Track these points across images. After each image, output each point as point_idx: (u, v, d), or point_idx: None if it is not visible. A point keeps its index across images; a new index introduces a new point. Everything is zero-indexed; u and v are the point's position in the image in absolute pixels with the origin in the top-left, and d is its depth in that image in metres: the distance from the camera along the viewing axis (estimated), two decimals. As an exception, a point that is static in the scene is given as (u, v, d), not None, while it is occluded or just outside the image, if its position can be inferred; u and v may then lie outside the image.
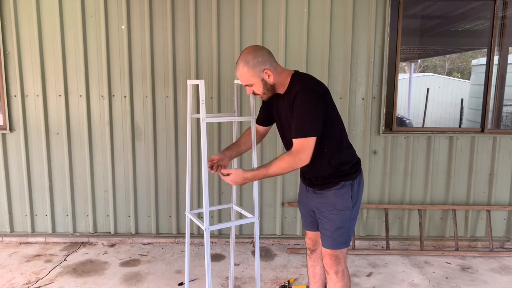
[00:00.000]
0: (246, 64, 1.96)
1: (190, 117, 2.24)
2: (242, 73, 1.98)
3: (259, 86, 2.00)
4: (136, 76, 3.64)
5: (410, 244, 3.79)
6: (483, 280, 3.15)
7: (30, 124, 3.70)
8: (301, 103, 1.91)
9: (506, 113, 5.46)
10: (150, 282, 3.07)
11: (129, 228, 3.86)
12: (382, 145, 3.70)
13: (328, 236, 2.13)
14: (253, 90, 2.04)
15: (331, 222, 2.11)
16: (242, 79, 2.01)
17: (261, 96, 2.07)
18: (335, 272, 2.15)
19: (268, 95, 2.05)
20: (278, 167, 1.93)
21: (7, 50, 3.59)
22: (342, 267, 2.16)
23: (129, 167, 3.74)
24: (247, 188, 3.74)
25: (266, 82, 1.99)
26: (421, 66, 19.01)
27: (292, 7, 3.53)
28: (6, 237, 3.83)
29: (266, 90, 2.02)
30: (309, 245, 2.42)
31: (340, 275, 2.16)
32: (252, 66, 1.95)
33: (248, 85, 2.01)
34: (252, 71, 1.96)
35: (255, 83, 1.99)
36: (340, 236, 2.12)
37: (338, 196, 2.09)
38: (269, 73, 1.97)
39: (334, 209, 2.10)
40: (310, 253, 2.44)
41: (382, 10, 3.53)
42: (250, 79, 1.98)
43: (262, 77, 1.98)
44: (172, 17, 3.55)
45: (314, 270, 2.45)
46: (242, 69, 1.97)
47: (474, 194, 3.78)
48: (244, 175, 1.97)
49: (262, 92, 2.03)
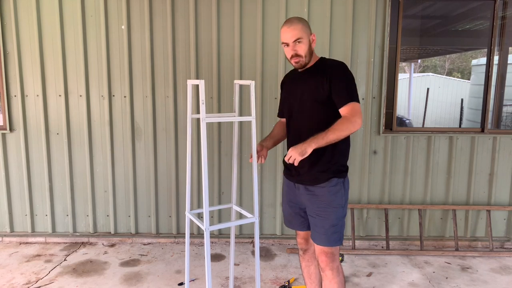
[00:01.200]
0: (301, 21, 2.08)
1: (190, 117, 2.24)
2: (296, 28, 2.05)
3: (305, 45, 2.08)
4: (136, 76, 3.64)
5: (410, 244, 3.79)
6: (483, 280, 3.15)
7: (30, 124, 3.70)
8: (344, 73, 2.06)
9: (506, 113, 5.46)
10: (150, 282, 3.07)
11: (129, 228, 3.86)
12: (382, 145, 3.70)
13: (323, 233, 2.14)
14: (297, 50, 2.07)
15: (325, 220, 2.12)
16: (293, 33, 2.05)
17: (298, 60, 2.10)
18: (330, 269, 2.17)
19: (305, 61, 2.11)
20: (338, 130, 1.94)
21: (7, 50, 3.59)
22: (337, 264, 2.19)
23: (129, 167, 3.74)
24: (247, 188, 3.75)
25: (310, 45, 2.10)
26: (421, 66, 19.01)
27: (292, 7, 3.53)
28: (6, 237, 3.83)
29: (308, 53, 2.10)
30: (302, 244, 2.42)
31: (336, 271, 2.18)
32: (305, 25, 2.09)
33: (298, 39, 2.05)
34: (305, 28, 2.08)
35: (304, 40, 2.06)
36: (334, 233, 2.14)
37: (332, 193, 2.12)
38: (314, 38, 2.13)
39: (328, 206, 2.11)
40: (303, 253, 2.44)
41: (382, 10, 3.53)
42: (303, 34, 2.06)
43: (310, 38, 2.10)
44: (172, 17, 3.55)
45: (309, 271, 2.46)
46: (297, 24, 2.06)
47: (474, 194, 3.78)
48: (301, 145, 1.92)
49: (304, 54, 2.09)
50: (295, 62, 2.12)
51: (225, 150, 3.72)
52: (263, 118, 3.66)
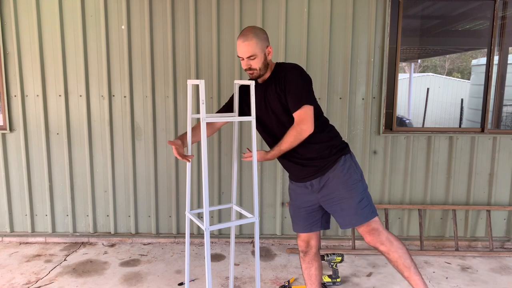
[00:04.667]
0: (256, 36, 2.07)
1: (190, 117, 2.24)
2: (250, 44, 2.06)
3: (260, 60, 2.10)
4: (136, 76, 3.64)
5: (410, 244, 3.79)
6: (483, 280, 3.15)
7: (30, 124, 3.70)
8: (295, 77, 2.08)
9: (506, 113, 5.46)
10: (150, 282, 3.07)
11: (129, 228, 3.86)
12: (382, 145, 3.70)
13: (354, 214, 2.14)
14: (251, 65, 2.10)
15: (350, 199, 2.13)
16: (247, 49, 2.07)
17: (252, 72, 2.13)
18: (381, 243, 2.15)
19: (260, 73, 2.14)
20: (287, 142, 2.08)
21: (7, 50, 3.59)
22: (384, 235, 2.16)
23: (129, 167, 3.74)
24: (247, 188, 3.75)
25: (265, 58, 2.12)
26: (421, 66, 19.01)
27: (292, 7, 3.53)
28: (6, 237, 3.83)
29: (263, 66, 2.13)
30: (302, 247, 2.42)
31: (388, 243, 2.15)
32: (260, 39, 2.08)
33: (251, 56, 2.08)
34: (260, 44, 2.08)
35: (258, 55, 2.09)
36: (364, 208, 2.15)
37: (346, 171, 2.15)
38: (270, 50, 2.14)
39: (347, 184, 2.13)
40: (303, 255, 2.44)
41: (382, 10, 3.53)
42: (256, 51, 2.07)
43: (265, 52, 2.11)
44: (172, 17, 3.55)
45: (309, 272, 2.46)
46: (252, 40, 2.06)
47: (474, 194, 3.78)
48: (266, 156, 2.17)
49: (259, 67, 2.11)
50: (249, 73, 2.16)
51: (225, 150, 3.72)
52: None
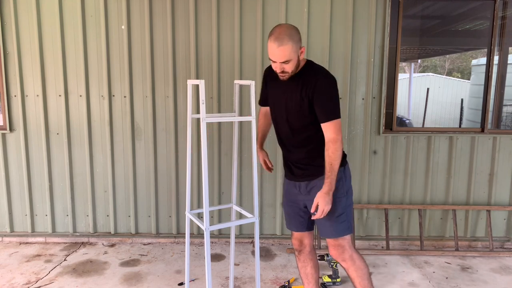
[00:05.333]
0: (291, 39, 1.91)
1: (190, 117, 2.24)
2: (286, 49, 1.90)
3: (294, 63, 1.98)
4: (136, 76, 3.64)
5: (410, 244, 3.79)
6: (483, 280, 3.15)
7: (30, 124, 3.70)
8: (327, 87, 2.01)
9: (506, 113, 5.46)
10: (150, 282, 3.07)
11: (129, 228, 3.86)
12: (382, 145, 3.70)
13: (329, 226, 2.14)
14: (284, 68, 1.99)
15: (329, 211, 2.10)
16: (283, 54, 1.92)
17: (284, 75, 2.03)
18: (342, 260, 2.18)
19: (290, 75, 2.04)
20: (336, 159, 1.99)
21: (7, 50, 3.59)
22: (348, 253, 2.17)
23: (129, 167, 3.74)
24: (247, 188, 3.75)
25: (298, 60, 2.00)
26: (421, 66, 19.01)
27: (292, 7, 3.53)
28: (6, 237, 3.83)
29: (295, 68, 2.01)
30: (296, 245, 2.42)
31: (349, 261, 2.17)
32: (295, 42, 1.93)
33: (286, 61, 1.95)
34: (295, 47, 1.93)
35: (294, 59, 1.96)
36: (340, 224, 2.14)
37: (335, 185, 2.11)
38: (303, 51, 2.00)
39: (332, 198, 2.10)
40: (298, 254, 2.45)
41: (382, 10, 3.53)
42: (292, 55, 1.94)
43: (298, 54, 1.98)
44: (172, 16, 3.55)
45: (305, 271, 2.46)
46: (287, 44, 1.90)
47: (474, 194, 3.78)
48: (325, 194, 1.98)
49: (292, 71, 2.00)
50: (281, 76, 2.06)
51: (225, 150, 3.72)
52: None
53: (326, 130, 2.03)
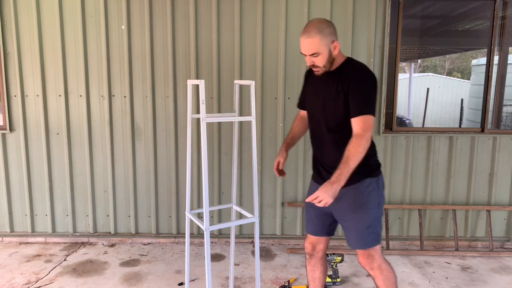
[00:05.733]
0: (320, 32, 1.92)
1: (190, 117, 2.24)
2: (313, 41, 1.92)
3: (324, 57, 1.97)
4: (136, 76, 3.64)
5: (410, 244, 3.79)
6: (483, 280, 3.15)
7: (30, 124, 3.70)
8: (363, 81, 1.95)
9: (506, 113, 5.46)
10: (150, 282, 3.07)
11: (129, 228, 3.86)
12: (382, 145, 3.70)
13: (357, 237, 2.08)
14: (314, 62, 1.98)
15: (359, 223, 2.06)
16: (310, 47, 1.94)
17: (317, 70, 2.02)
18: (370, 268, 2.13)
19: (325, 69, 2.02)
20: (354, 155, 1.86)
21: (7, 50, 3.59)
22: (377, 263, 2.11)
23: (129, 167, 3.74)
24: (247, 188, 3.74)
25: (331, 54, 1.98)
26: (421, 66, 19.01)
27: (292, 7, 3.53)
28: (6, 237, 3.83)
29: (328, 63, 1.99)
30: (309, 249, 2.35)
31: (377, 270, 2.12)
32: (325, 35, 1.93)
33: (315, 54, 1.95)
34: (324, 40, 1.93)
35: (323, 53, 1.95)
36: (369, 235, 2.07)
37: (366, 195, 2.05)
38: (336, 45, 1.98)
39: (362, 208, 2.05)
40: (309, 257, 2.37)
41: (382, 10, 3.53)
42: (320, 48, 1.94)
43: (330, 48, 1.97)
44: (172, 17, 3.55)
45: (313, 275, 2.39)
46: (315, 36, 1.92)
47: (474, 194, 3.78)
48: (329, 184, 1.83)
49: (323, 65, 1.99)
50: (315, 71, 2.05)
51: (225, 150, 3.72)
52: (263, 118, 3.66)
53: (355, 125, 1.94)
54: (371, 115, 1.93)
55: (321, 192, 1.81)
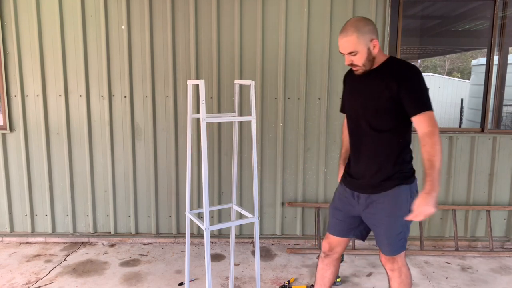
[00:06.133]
0: (357, 30, 1.89)
1: (190, 117, 2.24)
2: (350, 40, 1.90)
3: (363, 56, 1.93)
4: (136, 76, 3.64)
5: (410, 244, 3.79)
6: (483, 280, 3.15)
7: (30, 124, 3.70)
8: (418, 79, 1.89)
9: (506, 113, 5.46)
10: (150, 282, 3.08)
11: (129, 228, 3.86)
12: (382, 145, 3.69)
13: (387, 243, 2.07)
14: (353, 61, 1.95)
15: (389, 230, 2.03)
16: (347, 46, 1.91)
17: (357, 69, 1.98)
18: (390, 269, 2.12)
19: (365, 69, 1.97)
20: (435, 155, 1.82)
21: (7, 50, 3.59)
22: (398, 265, 2.10)
23: (129, 167, 3.74)
24: (247, 188, 3.75)
25: (370, 53, 1.94)
26: (421, 66, 19.02)
27: (292, 7, 3.53)
28: (6, 237, 3.83)
29: (367, 61, 1.95)
30: (326, 248, 2.28)
31: (396, 271, 2.11)
32: (362, 33, 1.90)
33: (352, 52, 1.92)
34: (361, 38, 1.90)
35: (361, 51, 1.92)
36: (399, 241, 2.06)
37: (398, 202, 2.01)
38: (375, 44, 1.94)
39: (392, 215, 2.01)
40: (324, 257, 2.30)
41: (382, 10, 3.53)
42: (357, 47, 1.90)
43: (369, 46, 1.93)
44: (172, 17, 3.55)
45: (323, 274, 2.33)
46: (352, 35, 1.89)
47: (474, 194, 3.78)
48: (426, 195, 1.81)
49: (362, 64, 1.95)
50: (354, 70, 2.00)
51: (225, 150, 3.72)
52: (263, 118, 3.66)
53: (419, 124, 1.86)
54: (432, 111, 1.87)
55: (422, 205, 1.81)
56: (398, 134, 1.99)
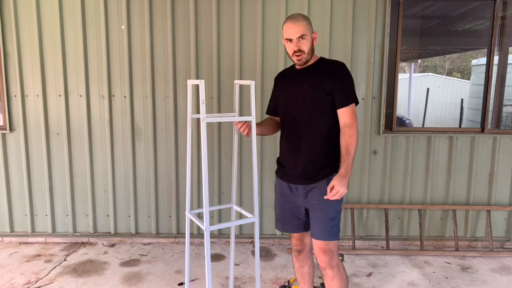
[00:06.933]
0: (306, 19, 2.12)
1: (190, 117, 2.24)
2: (301, 24, 2.08)
3: (309, 42, 2.11)
4: (136, 76, 3.64)
5: (410, 244, 3.79)
6: (483, 280, 3.15)
7: (30, 124, 3.70)
8: (347, 74, 2.13)
9: (506, 113, 5.45)
10: (150, 282, 3.07)
11: (129, 228, 3.86)
12: (382, 145, 3.70)
13: (322, 227, 2.16)
14: (300, 47, 2.10)
15: (324, 213, 2.14)
16: (299, 29, 2.07)
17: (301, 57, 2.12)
18: (330, 267, 2.18)
19: (307, 58, 2.14)
20: (352, 144, 2.05)
21: (7, 50, 3.59)
22: (336, 261, 2.19)
23: (129, 167, 3.74)
24: (247, 188, 3.74)
25: (312, 43, 2.14)
26: (421, 66, 19.01)
27: (292, 7, 3.53)
28: (6, 237, 3.83)
29: (310, 50, 2.13)
30: (297, 246, 2.42)
31: (336, 269, 2.19)
32: (309, 22, 2.13)
33: (303, 36, 2.08)
34: (309, 26, 2.12)
35: (308, 37, 2.10)
36: (333, 227, 2.16)
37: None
38: (315, 36, 2.17)
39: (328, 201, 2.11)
40: (298, 254, 2.44)
41: (382, 10, 3.53)
42: (307, 31, 2.09)
43: (312, 35, 2.14)
44: (172, 17, 3.55)
45: (302, 271, 2.46)
46: (302, 20, 2.09)
47: (474, 194, 3.78)
48: (342, 177, 2.00)
49: (307, 51, 2.12)
50: (297, 58, 2.13)
51: (225, 150, 3.72)
52: (263, 118, 3.65)
53: (344, 115, 2.09)
54: (355, 104, 2.12)
55: (337, 185, 1.97)
56: (331, 126, 2.15)
